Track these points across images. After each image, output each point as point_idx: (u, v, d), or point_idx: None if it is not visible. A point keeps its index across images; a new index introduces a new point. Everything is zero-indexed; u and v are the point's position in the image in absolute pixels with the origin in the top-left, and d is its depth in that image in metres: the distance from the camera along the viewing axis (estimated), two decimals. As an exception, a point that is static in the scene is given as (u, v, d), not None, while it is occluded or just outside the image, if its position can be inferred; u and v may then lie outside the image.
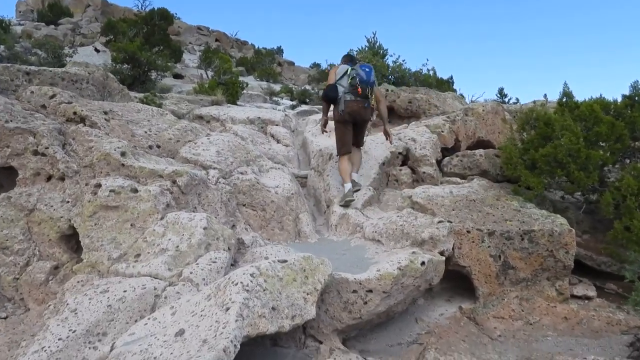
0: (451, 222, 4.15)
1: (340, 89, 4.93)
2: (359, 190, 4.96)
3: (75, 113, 4.87)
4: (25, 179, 4.26)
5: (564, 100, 4.96)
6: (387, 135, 5.28)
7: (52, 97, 5.02)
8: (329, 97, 4.96)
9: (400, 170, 5.63)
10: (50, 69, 6.12)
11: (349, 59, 5.20)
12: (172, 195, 4.07)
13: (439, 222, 4.12)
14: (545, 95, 6.00)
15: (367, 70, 4.96)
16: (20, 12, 26.52)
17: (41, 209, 4.04)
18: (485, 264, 4.07)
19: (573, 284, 4.34)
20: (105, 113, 5.20)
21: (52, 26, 20.59)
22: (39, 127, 4.42)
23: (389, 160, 5.64)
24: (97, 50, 14.64)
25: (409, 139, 5.86)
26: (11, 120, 4.37)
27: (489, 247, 4.08)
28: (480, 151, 5.65)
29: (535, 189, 4.55)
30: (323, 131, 5.40)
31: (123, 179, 4.05)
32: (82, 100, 5.27)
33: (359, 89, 4.83)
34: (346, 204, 4.89)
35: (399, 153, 5.71)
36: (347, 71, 4.96)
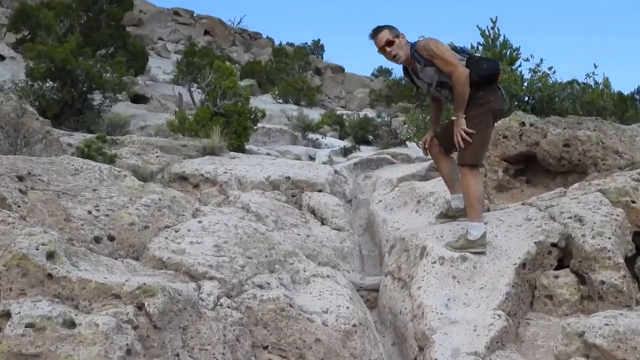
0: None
1: None
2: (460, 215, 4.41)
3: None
4: None
5: None
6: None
7: None
8: (494, 70, 4.11)
9: (557, 278, 4.02)
10: None
11: None
12: (136, 333, 3.24)
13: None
14: None
15: None
16: None
17: None
18: None
19: None
20: (20, 179, 4.39)
21: None
22: None
23: (534, 258, 4.02)
24: (1, 57, 12.72)
25: (569, 217, 4.24)
26: None
27: None
28: None
29: None
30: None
31: (49, 301, 3.35)
32: (-23, 159, 4.34)
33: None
34: (465, 249, 3.96)
35: (552, 244, 4.11)
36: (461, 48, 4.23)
